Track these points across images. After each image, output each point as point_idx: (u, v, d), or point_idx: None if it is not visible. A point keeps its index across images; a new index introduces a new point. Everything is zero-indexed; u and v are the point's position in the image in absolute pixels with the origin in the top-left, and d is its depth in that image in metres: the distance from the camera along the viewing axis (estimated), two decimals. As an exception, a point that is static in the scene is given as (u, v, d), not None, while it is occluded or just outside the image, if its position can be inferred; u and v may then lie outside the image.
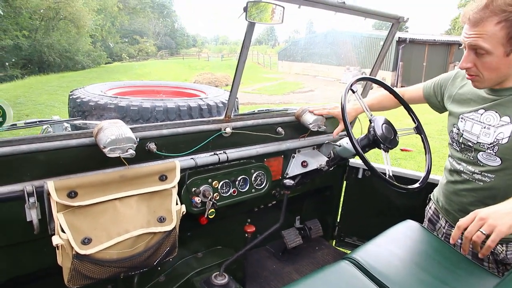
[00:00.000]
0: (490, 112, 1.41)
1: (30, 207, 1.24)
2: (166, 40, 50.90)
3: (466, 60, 1.30)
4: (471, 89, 1.48)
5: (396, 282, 1.42)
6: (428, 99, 1.74)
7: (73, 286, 1.31)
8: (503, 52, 1.21)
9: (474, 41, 1.23)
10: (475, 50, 1.26)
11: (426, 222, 1.81)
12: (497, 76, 1.29)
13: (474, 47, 1.25)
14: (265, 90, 16.93)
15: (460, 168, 1.54)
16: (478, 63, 1.28)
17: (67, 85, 13.33)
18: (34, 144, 1.24)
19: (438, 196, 1.71)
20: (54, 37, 22.84)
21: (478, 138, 1.44)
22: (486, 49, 1.22)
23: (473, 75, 1.32)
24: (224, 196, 1.72)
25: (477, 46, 1.23)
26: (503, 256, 1.46)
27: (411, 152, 6.46)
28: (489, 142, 1.40)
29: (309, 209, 2.69)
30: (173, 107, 2.58)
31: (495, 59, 1.23)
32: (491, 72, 1.28)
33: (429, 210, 1.79)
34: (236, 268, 1.98)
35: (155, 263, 1.49)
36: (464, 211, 1.53)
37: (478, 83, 1.35)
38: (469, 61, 1.29)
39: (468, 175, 1.51)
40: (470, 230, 1.07)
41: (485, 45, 1.21)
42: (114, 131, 1.25)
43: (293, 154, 2.07)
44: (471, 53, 1.28)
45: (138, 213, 1.39)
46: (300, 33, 71.59)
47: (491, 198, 1.43)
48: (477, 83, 1.35)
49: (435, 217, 1.74)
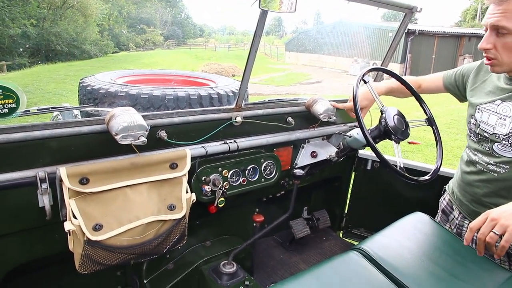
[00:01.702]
0: (507, 103, 1.39)
1: (42, 193, 1.25)
2: (173, 30, 50.75)
3: (487, 40, 1.27)
4: (493, 81, 1.46)
5: (406, 274, 1.42)
6: (448, 89, 1.72)
7: (84, 271, 1.32)
8: None
9: (498, 20, 1.20)
10: (497, 30, 1.23)
11: (440, 213, 1.81)
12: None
13: (496, 27, 1.22)
14: (272, 81, 16.86)
15: (476, 159, 1.53)
16: (499, 44, 1.25)
17: (75, 74, 13.38)
18: (47, 130, 1.24)
19: (453, 187, 1.71)
20: (62, 26, 22.86)
21: (494, 129, 1.43)
22: (509, 29, 1.19)
23: (492, 58, 1.30)
24: (233, 185, 1.72)
25: (500, 25, 1.20)
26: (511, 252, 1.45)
27: (419, 145, 6.42)
28: (504, 133, 1.39)
29: (317, 200, 2.69)
30: (184, 96, 2.57)
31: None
32: (510, 54, 1.25)
33: (443, 201, 1.78)
34: (244, 257, 1.99)
35: (164, 251, 1.50)
36: (478, 202, 1.53)
37: (497, 67, 1.33)
38: (489, 41, 1.26)
39: (483, 165, 1.49)
40: (483, 231, 1.07)
41: (509, 24, 1.18)
42: (126, 118, 1.25)
43: (302, 144, 2.06)
44: (493, 34, 1.25)
45: (148, 201, 1.40)
46: (308, 24, 70.99)
47: (506, 190, 1.42)
48: (496, 67, 1.33)
49: (448, 208, 1.73)
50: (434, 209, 1.84)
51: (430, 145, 6.38)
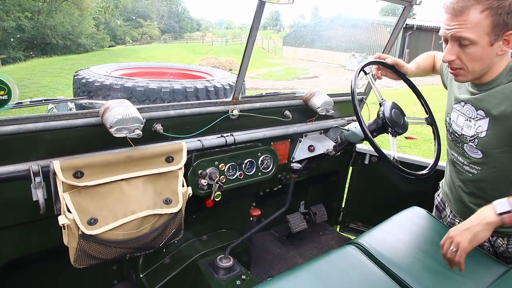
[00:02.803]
0: (468, 105, 1.40)
1: (36, 186, 1.23)
2: (170, 23, 50.40)
3: (449, 52, 1.24)
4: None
5: (402, 268, 1.42)
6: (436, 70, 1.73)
7: (79, 266, 1.31)
8: (488, 41, 1.17)
9: (459, 32, 1.17)
10: (458, 42, 1.20)
11: (434, 209, 1.80)
12: (481, 67, 1.24)
13: (458, 38, 1.19)
14: (269, 75, 16.81)
15: (453, 159, 1.53)
16: (462, 54, 1.22)
17: (71, 68, 13.27)
18: (40, 123, 1.22)
19: (444, 184, 1.70)
20: (57, 19, 22.61)
21: (462, 130, 1.43)
22: (471, 39, 1.17)
23: (457, 68, 1.27)
24: (230, 179, 1.71)
25: (462, 36, 1.17)
26: (503, 249, 1.45)
27: (415, 140, 6.43)
28: (470, 135, 1.39)
29: (314, 194, 2.69)
30: (180, 89, 2.55)
31: (479, 49, 1.19)
32: (475, 63, 1.23)
33: (437, 197, 1.78)
34: (241, 251, 1.98)
35: (160, 245, 1.49)
36: (462, 202, 1.54)
37: (462, 77, 1.30)
38: (453, 53, 1.23)
39: (459, 165, 1.50)
40: (444, 249, 1.20)
41: (471, 35, 1.16)
42: (121, 111, 1.23)
43: (300, 138, 2.05)
44: (455, 45, 1.22)
45: (144, 195, 1.38)
46: (305, 18, 70.78)
47: (481, 191, 1.43)
48: (461, 76, 1.30)
49: (442, 205, 1.73)
50: (431, 204, 1.84)
51: (427, 140, 6.39)
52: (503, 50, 1.20)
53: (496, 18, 1.13)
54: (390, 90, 12.02)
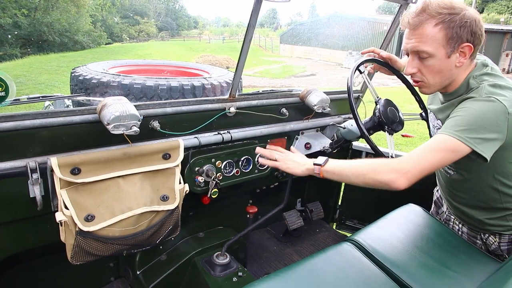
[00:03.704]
0: (431, 114, 1.47)
1: (33, 183, 1.23)
2: (167, 21, 50.22)
3: (411, 65, 1.29)
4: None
5: (398, 265, 1.43)
6: None
7: (76, 262, 1.31)
8: (444, 53, 1.22)
9: (416, 45, 1.24)
10: (418, 55, 1.26)
11: (433, 204, 1.82)
12: (441, 79, 1.29)
13: (417, 51, 1.25)
14: (266, 73, 16.79)
15: None
16: (422, 67, 1.28)
17: (67, 65, 13.20)
18: (38, 119, 1.22)
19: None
20: (54, 16, 22.46)
21: (433, 134, 1.49)
22: (428, 52, 1.22)
23: (419, 80, 1.32)
24: (227, 176, 1.72)
25: (419, 49, 1.24)
26: (495, 247, 1.47)
27: (412, 138, 6.45)
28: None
29: (311, 192, 2.70)
30: (177, 86, 2.55)
31: (437, 61, 1.24)
32: (434, 75, 1.28)
33: (436, 193, 1.80)
34: (237, 248, 1.99)
35: (157, 242, 1.49)
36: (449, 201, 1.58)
37: (425, 89, 1.35)
38: (413, 66, 1.29)
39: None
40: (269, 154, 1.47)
41: (427, 48, 1.22)
42: (118, 108, 1.23)
43: (296, 136, 2.06)
44: (415, 58, 1.28)
45: (141, 191, 1.39)
46: (302, 16, 70.67)
47: (461, 191, 1.47)
48: (424, 88, 1.35)
49: (440, 200, 1.75)
50: (427, 201, 1.85)
51: (424, 138, 6.41)
52: (461, 62, 1.25)
53: (449, 31, 1.19)
54: (387, 88, 12.05)
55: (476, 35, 1.21)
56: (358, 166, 1.26)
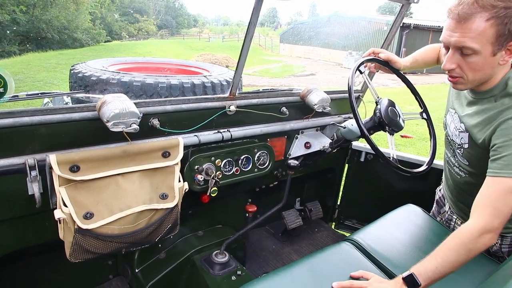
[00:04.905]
0: (456, 115, 1.40)
1: (31, 180, 1.22)
2: (166, 19, 50.15)
3: (450, 60, 1.19)
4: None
5: (397, 265, 1.43)
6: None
7: (74, 260, 1.31)
8: (490, 51, 1.12)
9: (462, 41, 1.12)
10: (460, 50, 1.15)
11: (434, 203, 1.82)
12: (481, 77, 1.21)
13: (460, 47, 1.14)
14: (266, 73, 16.78)
15: (447, 158, 1.56)
16: (463, 63, 1.18)
17: (66, 63, 13.17)
18: (36, 116, 1.21)
19: (443, 180, 1.72)
20: (53, 13, 22.38)
21: (452, 135, 1.45)
22: (474, 49, 1.12)
23: (457, 76, 1.23)
24: (226, 174, 1.71)
25: (465, 46, 1.12)
26: (496, 249, 1.47)
27: (411, 139, 6.45)
28: (458, 143, 1.41)
29: (310, 191, 2.70)
30: (177, 84, 2.54)
31: (481, 59, 1.14)
32: (475, 72, 1.18)
33: (438, 192, 1.80)
34: (236, 247, 1.99)
35: (156, 240, 1.49)
36: (453, 201, 1.57)
37: (461, 85, 1.26)
38: (453, 61, 1.19)
39: (451, 166, 1.52)
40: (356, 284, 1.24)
41: (474, 44, 1.11)
42: (118, 105, 1.22)
43: (296, 135, 2.05)
44: (456, 53, 1.17)
45: (140, 189, 1.38)
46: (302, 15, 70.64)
47: (468, 194, 1.42)
48: (460, 85, 1.26)
49: (442, 200, 1.75)
50: (427, 202, 1.85)
51: (423, 139, 6.42)
52: (505, 60, 1.16)
53: (502, 28, 1.07)
54: (387, 89, 12.06)
55: None
56: (451, 260, 1.16)
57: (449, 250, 1.16)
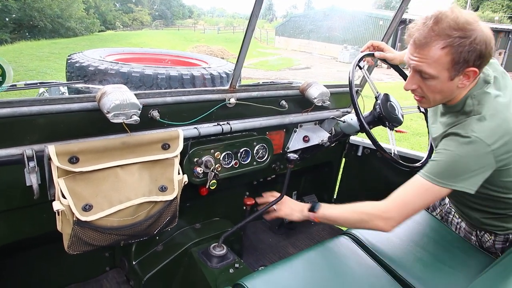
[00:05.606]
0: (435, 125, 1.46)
1: (29, 171, 1.21)
2: (161, 9, 49.58)
3: (411, 81, 1.25)
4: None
5: (394, 259, 1.44)
6: None
7: (73, 252, 1.30)
8: (447, 76, 1.17)
9: (419, 65, 1.18)
10: (420, 73, 1.21)
11: None
12: (442, 97, 1.26)
13: (419, 70, 1.20)
14: (261, 65, 16.72)
15: None
16: (423, 85, 1.23)
17: (59, 52, 13.01)
18: (35, 106, 1.19)
19: None
20: (45, 1, 22.04)
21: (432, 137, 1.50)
22: (430, 74, 1.17)
23: (419, 96, 1.29)
24: (226, 167, 1.71)
25: (422, 70, 1.18)
26: (489, 245, 1.49)
27: (405, 134, 6.49)
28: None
29: (307, 185, 2.70)
30: (176, 75, 2.52)
31: (439, 83, 1.19)
32: (435, 94, 1.24)
33: None
34: (234, 240, 1.99)
35: (155, 232, 1.48)
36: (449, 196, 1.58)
37: (425, 104, 1.32)
38: (414, 83, 1.25)
39: None
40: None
41: (430, 70, 1.16)
42: (119, 96, 1.21)
43: (295, 129, 2.05)
44: (416, 75, 1.23)
45: (140, 181, 1.37)
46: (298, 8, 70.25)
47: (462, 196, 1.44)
48: (424, 104, 1.33)
49: None
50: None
51: (417, 134, 6.46)
52: (464, 84, 1.20)
53: (457, 56, 1.11)
54: (381, 84, 12.09)
55: (485, 58, 1.14)
56: (348, 216, 1.40)
57: (353, 212, 1.40)
